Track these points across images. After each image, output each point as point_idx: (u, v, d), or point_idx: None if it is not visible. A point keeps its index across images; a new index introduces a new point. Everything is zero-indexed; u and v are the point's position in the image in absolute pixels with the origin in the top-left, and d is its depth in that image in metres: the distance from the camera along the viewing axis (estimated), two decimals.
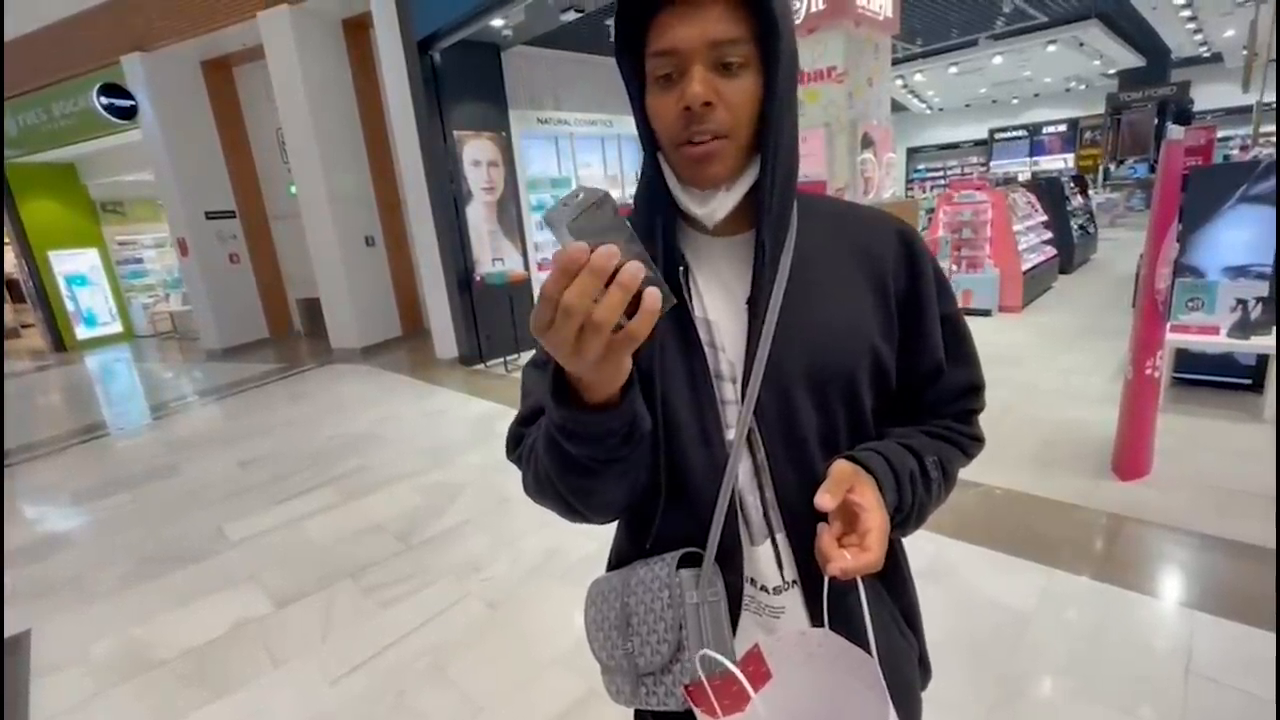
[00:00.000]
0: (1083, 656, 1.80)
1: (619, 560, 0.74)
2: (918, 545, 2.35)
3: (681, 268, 0.64)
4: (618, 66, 0.62)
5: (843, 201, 0.73)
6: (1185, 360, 3.61)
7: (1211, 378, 3.58)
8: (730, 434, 0.63)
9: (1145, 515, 2.45)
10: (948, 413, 0.71)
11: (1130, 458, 2.73)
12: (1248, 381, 3.46)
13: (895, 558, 0.73)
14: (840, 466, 0.58)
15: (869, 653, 0.58)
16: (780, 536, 0.65)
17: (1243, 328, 3.16)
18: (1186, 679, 1.68)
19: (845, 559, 0.52)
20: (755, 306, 0.61)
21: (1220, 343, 3.24)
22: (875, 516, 0.55)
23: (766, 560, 0.66)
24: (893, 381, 0.68)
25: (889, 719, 0.54)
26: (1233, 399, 3.43)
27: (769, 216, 0.60)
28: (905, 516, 0.63)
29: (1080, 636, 1.88)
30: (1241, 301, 3.17)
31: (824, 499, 0.54)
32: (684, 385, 0.63)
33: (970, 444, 0.72)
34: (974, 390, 0.71)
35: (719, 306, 0.65)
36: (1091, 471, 2.82)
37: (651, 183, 0.64)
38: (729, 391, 0.64)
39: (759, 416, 0.62)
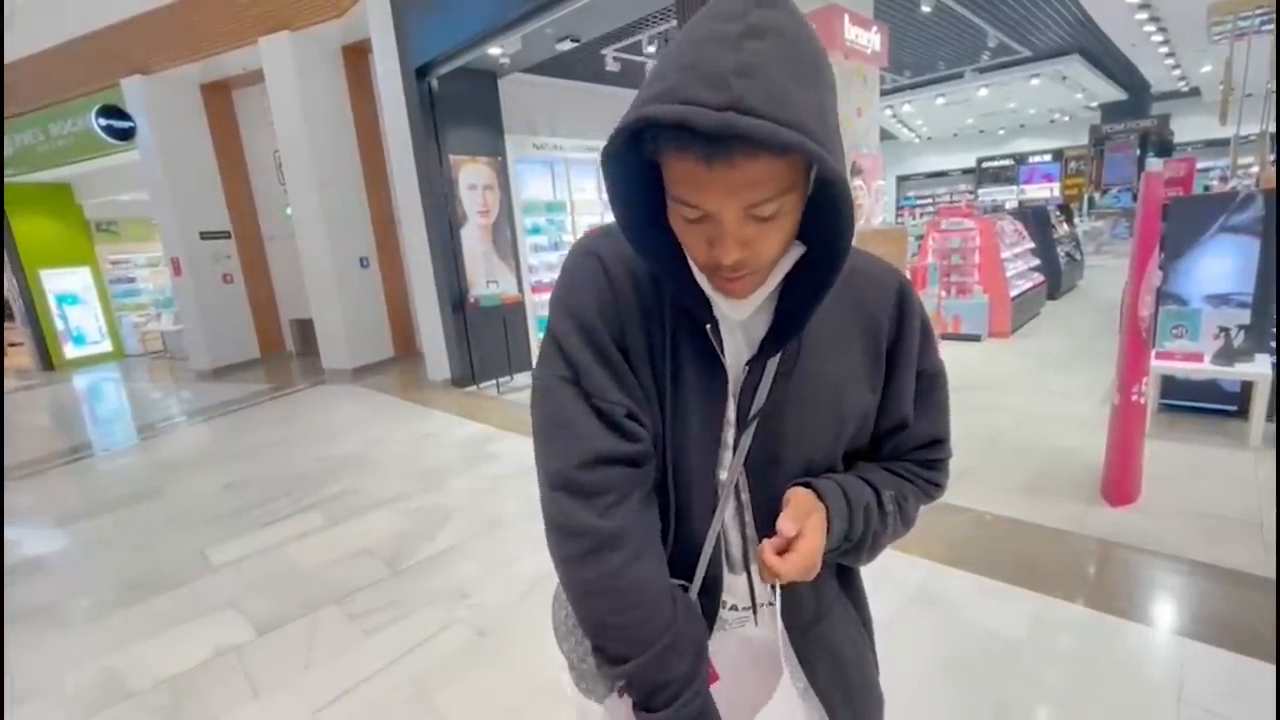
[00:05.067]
0: (1075, 685, 1.79)
1: None
2: (908, 571, 2.35)
3: (709, 325, 0.62)
4: (604, 168, 0.54)
5: (852, 254, 0.68)
6: (1172, 387, 3.65)
7: (1198, 405, 3.62)
8: (722, 474, 0.66)
9: (1136, 542, 2.45)
10: (908, 459, 0.73)
11: (1119, 484, 2.74)
12: (1233, 408, 3.50)
13: (852, 576, 0.79)
14: (801, 497, 0.62)
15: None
16: (755, 568, 0.69)
17: (1226, 355, 3.20)
18: (1179, 708, 1.66)
19: (777, 566, 0.57)
20: (755, 370, 0.63)
21: (1204, 370, 3.28)
22: (808, 542, 0.59)
23: (742, 588, 0.70)
24: (870, 432, 0.71)
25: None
26: (1219, 425, 3.46)
27: (794, 317, 0.61)
28: (856, 546, 0.66)
29: (1072, 664, 1.87)
30: (1224, 329, 3.22)
31: (787, 525, 0.58)
32: (701, 429, 0.65)
33: (930, 489, 0.74)
34: (935, 443, 0.73)
35: (729, 356, 0.65)
36: (1082, 497, 2.83)
37: (670, 245, 0.59)
38: (730, 435, 0.66)
39: (747, 464, 0.65)
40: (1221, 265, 3.42)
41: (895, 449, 0.71)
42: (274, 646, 2.29)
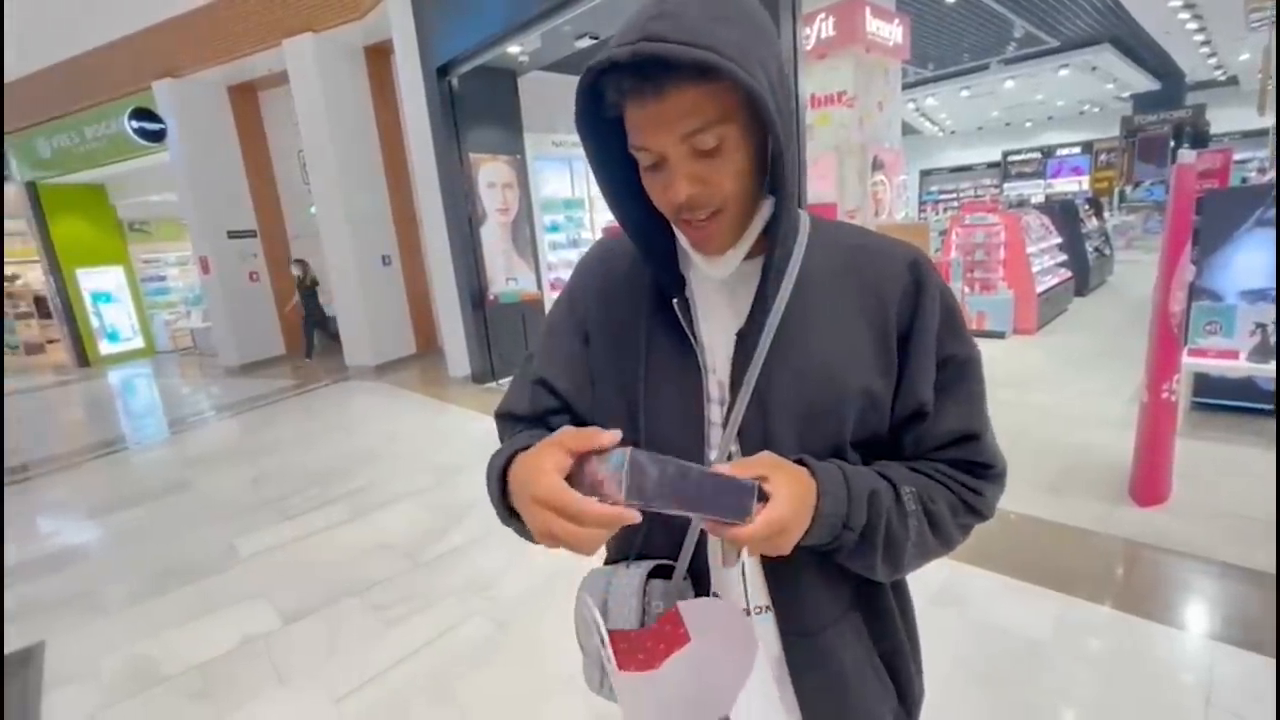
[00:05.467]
0: (1100, 687, 1.75)
1: (609, 557, 0.76)
2: (930, 569, 2.31)
3: (676, 299, 0.64)
4: (580, 137, 0.58)
5: (863, 233, 0.69)
6: (1205, 385, 3.55)
7: (1233, 403, 3.51)
8: (712, 454, 0.64)
9: (1164, 543, 2.39)
10: (937, 458, 0.64)
11: (1148, 483, 2.68)
12: (1269, 407, 3.39)
13: (882, 599, 0.69)
14: (763, 453, 0.57)
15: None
16: (749, 561, 0.66)
17: (1263, 352, 3.11)
18: (1207, 712, 1.62)
19: (734, 531, 0.51)
20: (746, 341, 0.62)
21: (1239, 367, 3.18)
22: (775, 509, 0.51)
23: (735, 583, 0.67)
24: (885, 421, 0.64)
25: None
26: (1255, 424, 3.35)
27: (773, 272, 0.60)
28: (864, 542, 0.58)
29: (1097, 667, 1.83)
30: (1261, 325, 3.12)
31: (721, 464, 0.54)
32: (675, 403, 0.65)
33: (970, 495, 0.64)
34: (966, 440, 0.63)
35: (713, 331, 0.65)
36: (1109, 497, 2.77)
37: (649, 216, 0.63)
38: (715, 413, 0.65)
39: (740, 442, 0.63)
40: (1258, 260, 3.31)
41: (918, 443, 0.64)
42: (299, 635, 2.35)
